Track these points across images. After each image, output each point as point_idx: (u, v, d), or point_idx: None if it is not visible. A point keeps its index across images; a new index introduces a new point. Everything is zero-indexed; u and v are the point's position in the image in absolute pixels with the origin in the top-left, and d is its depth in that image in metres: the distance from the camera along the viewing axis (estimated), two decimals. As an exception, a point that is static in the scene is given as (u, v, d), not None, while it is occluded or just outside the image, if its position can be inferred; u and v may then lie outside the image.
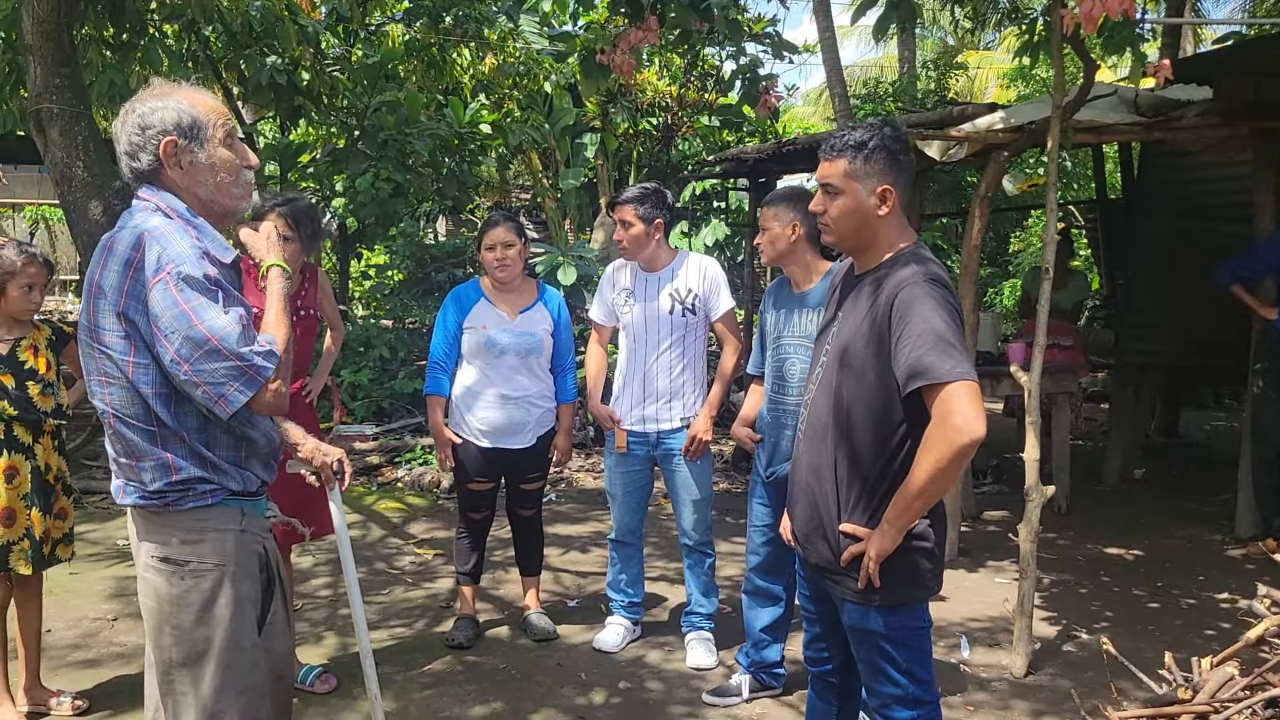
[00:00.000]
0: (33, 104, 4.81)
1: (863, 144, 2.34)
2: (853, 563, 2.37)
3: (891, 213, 2.37)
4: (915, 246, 2.39)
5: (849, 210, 2.37)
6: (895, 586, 2.35)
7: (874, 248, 2.40)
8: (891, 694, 2.43)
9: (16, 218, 18.29)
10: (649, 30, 4.74)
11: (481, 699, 3.74)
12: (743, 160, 8.24)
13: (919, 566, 2.36)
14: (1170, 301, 6.88)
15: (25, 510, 3.41)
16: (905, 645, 2.41)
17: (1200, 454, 8.08)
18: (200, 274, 2.06)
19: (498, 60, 9.43)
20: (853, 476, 2.38)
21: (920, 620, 2.45)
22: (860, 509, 2.38)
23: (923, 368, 2.19)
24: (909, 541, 2.32)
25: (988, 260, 13.86)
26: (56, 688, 3.64)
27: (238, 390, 2.07)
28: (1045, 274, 4.13)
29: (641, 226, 3.96)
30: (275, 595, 2.33)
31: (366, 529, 6.04)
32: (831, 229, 2.42)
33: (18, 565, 3.41)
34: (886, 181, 2.35)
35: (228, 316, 2.06)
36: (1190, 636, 4.24)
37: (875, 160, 2.34)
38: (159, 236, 2.07)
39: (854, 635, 2.47)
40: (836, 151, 2.37)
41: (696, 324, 4.02)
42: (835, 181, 2.37)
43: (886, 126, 2.40)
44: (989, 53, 21.03)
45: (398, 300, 9.68)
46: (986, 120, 5.08)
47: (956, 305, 2.29)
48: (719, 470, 7.52)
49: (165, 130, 2.15)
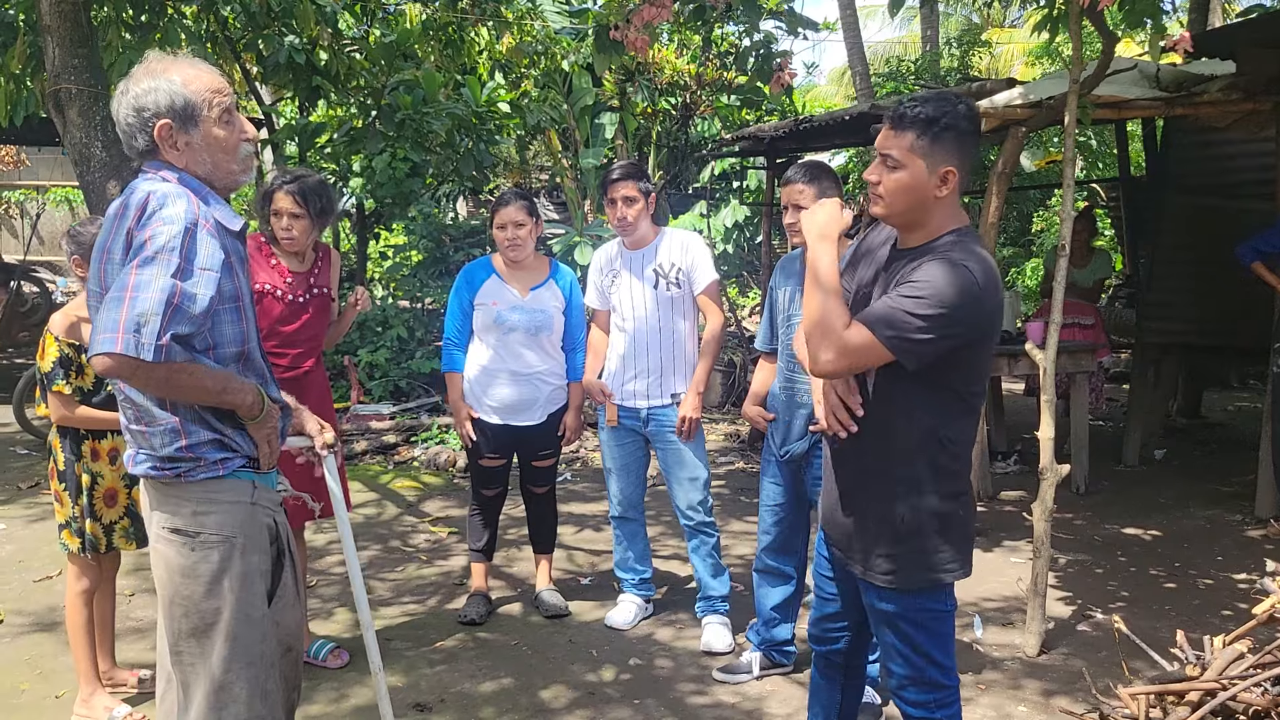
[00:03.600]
0: (51, 85, 4.84)
1: (934, 120, 2.20)
2: (876, 542, 2.36)
3: (950, 195, 2.26)
4: (965, 230, 2.29)
5: (906, 187, 2.24)
6: (921, 569, 2.33)
7: (924, 228, 2.29)
8: (907, 675, 2.41)
9: (41, 199, 18.47)
10: (663, 6, 4.70)
11: (492, 675, 3.77)
12: (760, 138, 8.18)
13: (945, 548, 2.33)
14: (1192, 280, 6.79)
15: (125, 490, 3.44)
16: (925, 627, 2.38)
17: (1223, 435, 8.00)
18: (183, 238, 2.04)
19: (515, 39, 9.41)
20: (879, 452, 2.35)
21: (943, 603, 2.41)
22: (880, 487, 2.35)
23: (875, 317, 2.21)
24: (937, 523, 2.30)
25: (1010, 240, 13.73)
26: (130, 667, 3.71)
27: (105, 339, 1.96)
28: (1062, 250, 4.08)
29: (643, 201, 3.98)
30: (285, 568, 2.35)
31: (382, 507, 6.09)
32: (883, 201, 2.29)
33: (120, 543, 3.46)
34: (951, 163, 2.23)
35: (165, 283, 1.99)
36: (1207, 617, 4.21)
37: (943, 140, 2.21)
38: (160, 197, 2.10)
39: (874, 616, 2.45)
40: (906, 124, 2.23)
41: (683, 298, 4.03)
42: (898, 155, 2.23)
43: (961, 104, 2.27)
44: (1014, 30, 20.79)
45: (415, 280, 9.71)
46: (1005, 96, 5.02)
47: (975, 307, 2.19)
48: (735, 450, 7.52)
49: (158, 114, 2.17)
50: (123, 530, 3.46)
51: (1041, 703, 3.54)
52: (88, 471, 3.38)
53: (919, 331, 2.16)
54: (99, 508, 3.40)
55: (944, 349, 2.19)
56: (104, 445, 3.40)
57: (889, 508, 2.34)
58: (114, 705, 3.43)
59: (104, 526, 3.42)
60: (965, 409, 2.34)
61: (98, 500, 3.40)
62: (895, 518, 2.33)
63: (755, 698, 3.60)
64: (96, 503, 3.40)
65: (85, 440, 3.38)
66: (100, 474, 3.40)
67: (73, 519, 3.39)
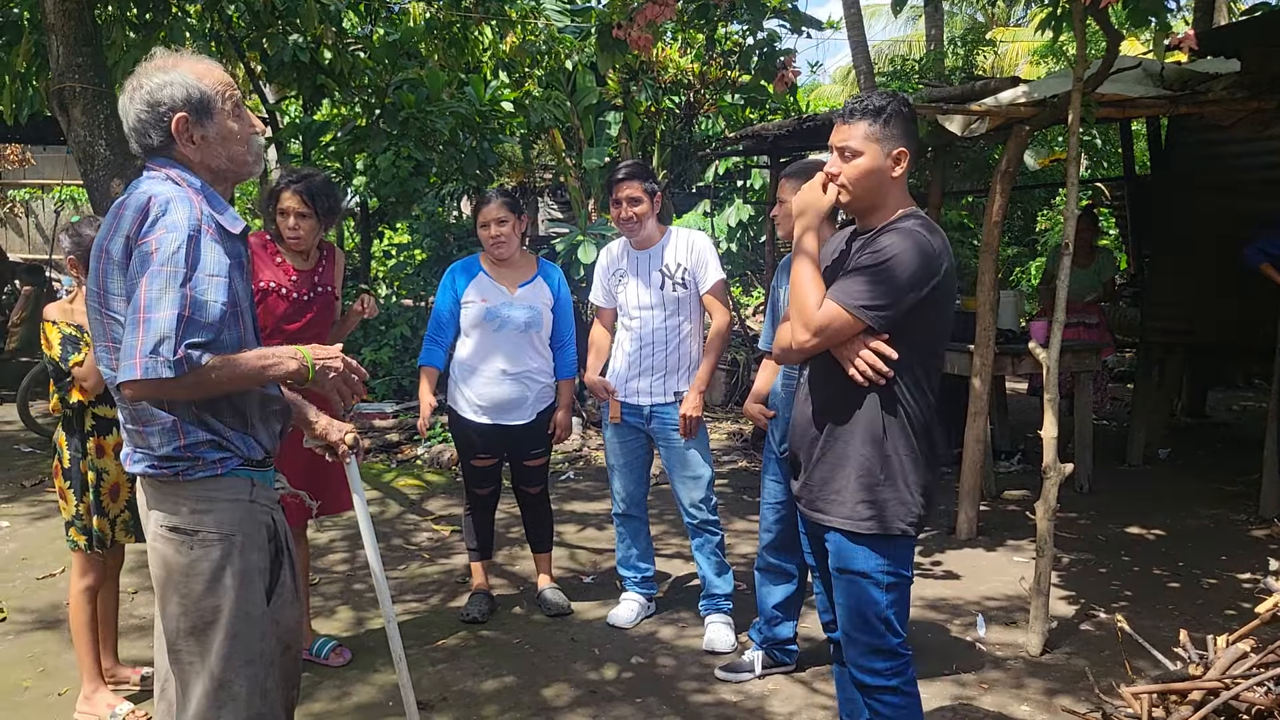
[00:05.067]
0: (55, 83, 4.85)
1: (881, 109, 2.46)
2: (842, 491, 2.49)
3: (902, 175, 2.50)
4: (914, 210, 2.52)
5: (867, 171, 2.47)
6: (892, 518, 2.46)
7: (883, 209, 2.52)
8: (869, 642, 2.51)
9: (45, 198, 18.49)
10: (666, 5, 4.69)
11: (494, 673, 3.77)
12: (763, 137, 8.18)
13: (911, 499, 2.47)
14: (1196, 279, 6.77)
15: (129, 484, 3.44)
16: (889, 591, 2.49)
17: (1228, 434, 7.98)
18: (187, 246, 2.04)
19: (519, 38, 9.41)
20: (847, 405, 2.49)
21: (906, 567, 2.53)
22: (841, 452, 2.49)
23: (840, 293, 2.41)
24: (901, 473, 2.45)
25: (1015, 239, 13.71)
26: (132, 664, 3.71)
27: (124, 369, 2.01)
28: (1065, 250, 4.07)
29: (648, 201, 3.99)
30: (283, 566, 2.35)
31: (385, 505, 6.10)
32: (849, 189, 2.50)
33: (121, 537, 3.47)
34: (902, 144, 2.48)
35: (175, 295, 2.00)
36: (1210, 616, 4.20)
37: (893, 124, 2.46)
38: (162, 201, 2.08)
39: (840, 580, 2.55)
40: (857, 115, 2.48)
41: (689, 298, 4.03)
42: (854, 144, 2.47)
43: (897, 95, 2.55)
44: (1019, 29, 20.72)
45: (419, 279, 9.71)
46: (1009, 95, 5.01)
47: (933, 265, 2.40)
48: (738, 448, 7.52)
49: (175, 107, 2.16)
50: (123, 524, 3.46)
51: (1044, 702, 3.53)
52: (93, 468, 3.39)
53: (884, 296, 2.37)
54: (105, 503, 3.41)
55: (907, 308, 2.39)
56: (109, 441, 3.40)
57: (861, 461, 2.47)
58: (116, 702, 3.44)
59: (111, 521, 3.43)
60: (921, 365, 2.49)
61: (104, 495, 3.41)
62: (867, 469, 2.47)
63: (757, 696, 3.60)
64: (103, 498, 3.41)
65: (91, 437, 3.39)
66: (106, 469, 3.41)
67: (78, 516, 3.40)
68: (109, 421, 3.39)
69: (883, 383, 2.43)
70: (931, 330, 2.50)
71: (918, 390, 2.47)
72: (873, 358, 2.41)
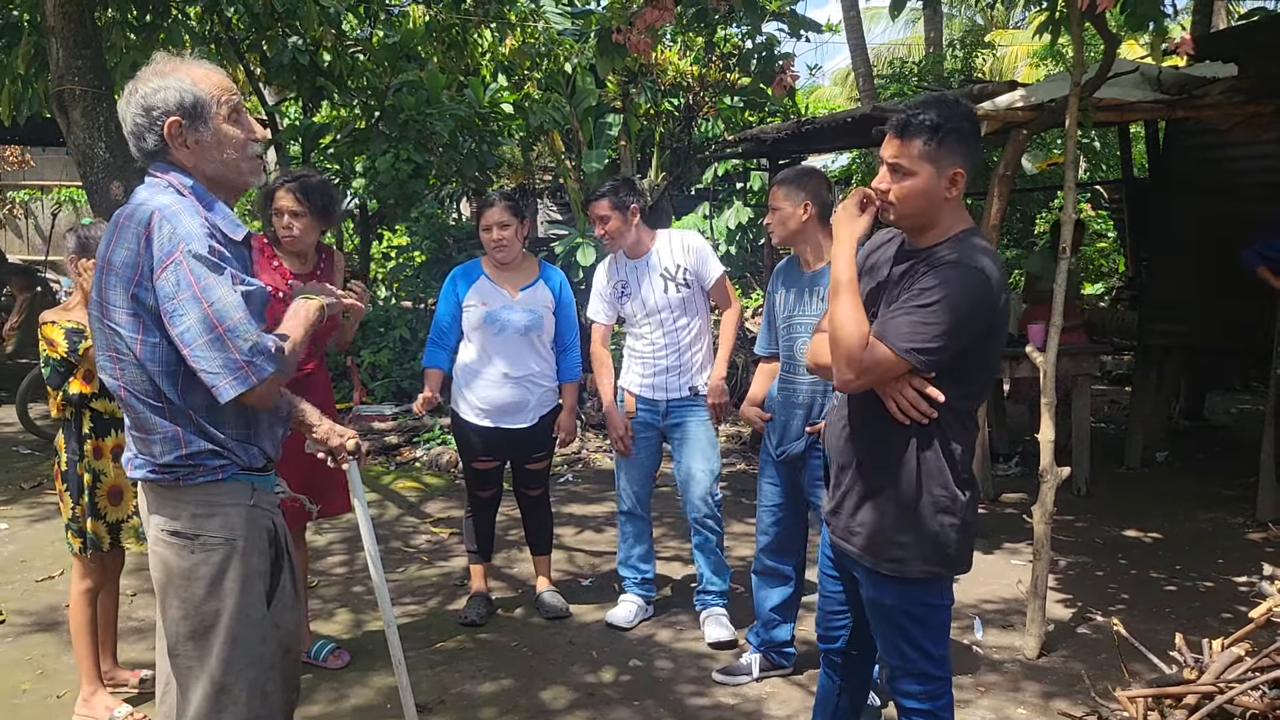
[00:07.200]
0: (55, 85, 4.87)
1: (938, 126, 2.26)
2: (880, 532, 2.37)
3: (957, 196, 2.33)
4: (972, 230, 2.36)
5: (918, 192, 2.30)
6: (925, 560, 2.34)
7: (935, 229, 2.35)
8: (901, 667, 2.44)
9: (45, 200, 18.49)
10: (665, 9, 4.71)
11: (492, 676, 3.78)
12: (762, 140, 8.18)
13: (946, 540, 2.34)
14: (1194, 282, 6.78)
15: (131, 488, 3.42)
16: (921, 621, 2.41)
17: (1225, 437, 7.99)
18: (208, 252, 2.08)
19: (518, 41, 9.42)
20: (885, 446, 2.36)
21: (941, 598, 2.44)
22: (887, 479, 2.36)
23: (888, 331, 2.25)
24: (937, 515, 2.32)
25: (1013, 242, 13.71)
26: (131, 667, 3.72)
27: (230, 384, 2.08)
28: (1063, 253, 4.09)
29: (618, 217, 4.06)
30: (283, 569, 2.35)
31: (383, 508, 6.10)
32: (895, 208, 2.34)
33: (128, 542, 3.47)
34: (959, 164, 2.29)
35: (235, 297, 2.08)
36: (1207, 620, 4.21)
37: (949, 143, 2.27)
38: (169, 215, 2.08)
39: (872, 609, 2.47)
40: (912, 132, 2.28)
41: (694, 296, 4.10)
42: (907, 163, 2.29)
43: (961, 106, 2.34)
44: (1018, 31, 20.76)
45: (418, 281, 9.72)
46: (1006, 98, 5.01)
47: (987, 302, 2.26)
48: (737, 451, 7.53)
49: (168, 111, 2.16)
50: (132, 530, 3.45)
51: (1041, 705, 3.54)
52: (89, 470, 3.39)
53: (934, 339, 2.22)
54: (101, 506, 3.41)
55: (958, 350, 2.25)
56: (107, 443, 3.40)
57: (895, 499, 2.36)
58: (115, 705, 3.44)
59: (108, 525, 3.43)
60: (972, 403, 2.39)
61: (100, 498, 3.41)
62: (901, 508, 2.35)
63: (755, 699, 3.61)
64: (99, 501, 3.41)
65: (89, 439, 3.39)
66: (103, 471, 3.41)
67: (74, 519, 3.40)
68: (108, 422, 3.40)
69: (925, 422, 2.30)
70: (983, 368, 2.38)
71: (961, 427, 2.35)
72: (916, 398, 2.28)
